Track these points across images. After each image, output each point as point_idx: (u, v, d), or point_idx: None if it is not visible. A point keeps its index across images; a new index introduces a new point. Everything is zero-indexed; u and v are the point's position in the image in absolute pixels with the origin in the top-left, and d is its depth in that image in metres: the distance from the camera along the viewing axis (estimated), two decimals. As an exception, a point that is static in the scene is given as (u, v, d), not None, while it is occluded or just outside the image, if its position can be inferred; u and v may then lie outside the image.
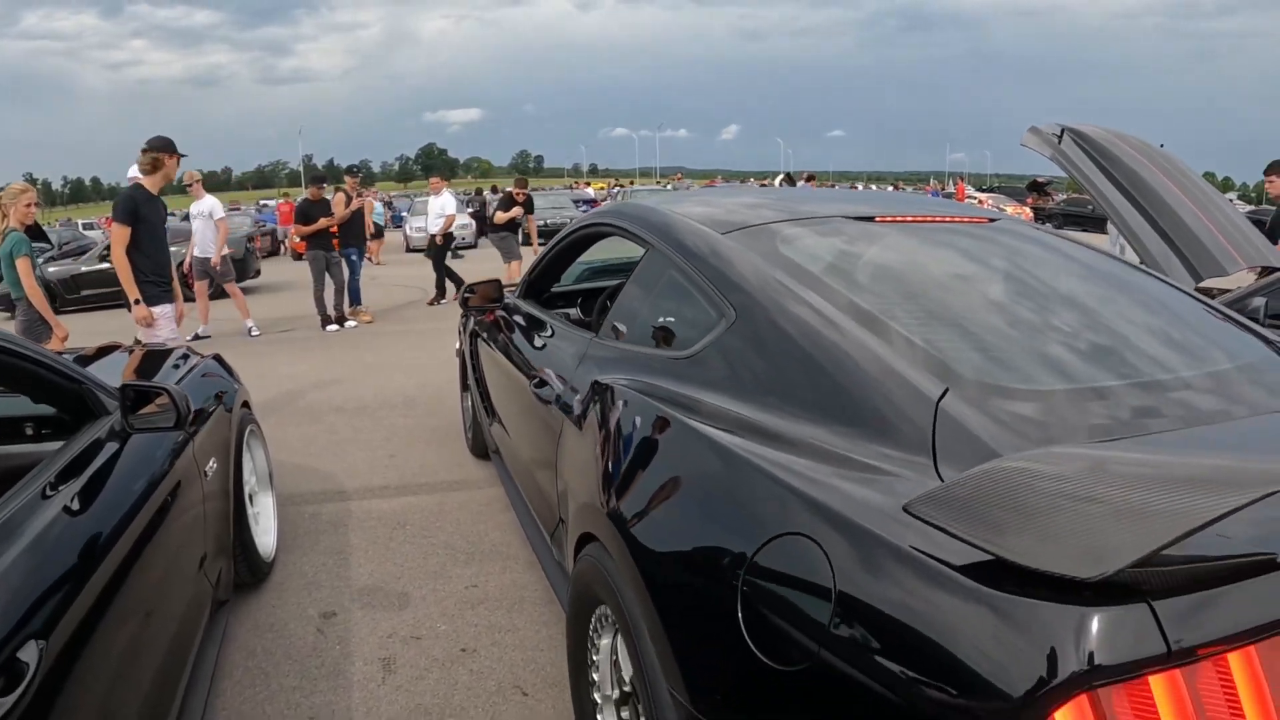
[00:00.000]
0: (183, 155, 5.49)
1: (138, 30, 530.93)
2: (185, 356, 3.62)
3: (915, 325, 1.93)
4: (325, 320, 10.60)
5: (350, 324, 10.80)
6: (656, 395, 2.08)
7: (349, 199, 11.08)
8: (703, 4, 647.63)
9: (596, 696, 2.25)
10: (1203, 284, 4.72)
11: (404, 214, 29.22)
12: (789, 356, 1.88)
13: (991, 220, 2.80)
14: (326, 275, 10.70)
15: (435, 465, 5.16)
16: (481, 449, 5.03)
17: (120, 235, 5.04)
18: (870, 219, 2.61)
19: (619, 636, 2.01)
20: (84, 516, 1.94)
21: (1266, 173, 7.29)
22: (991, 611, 1.15)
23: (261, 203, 33.44)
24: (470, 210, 25.88)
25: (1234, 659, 1.11)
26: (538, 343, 3.41)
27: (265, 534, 3.83)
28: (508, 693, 2.82)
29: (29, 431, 2.79)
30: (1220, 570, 1.15)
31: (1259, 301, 4.27)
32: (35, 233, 6.23)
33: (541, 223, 23.60)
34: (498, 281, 4.40)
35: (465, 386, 5.37)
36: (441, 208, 12.60)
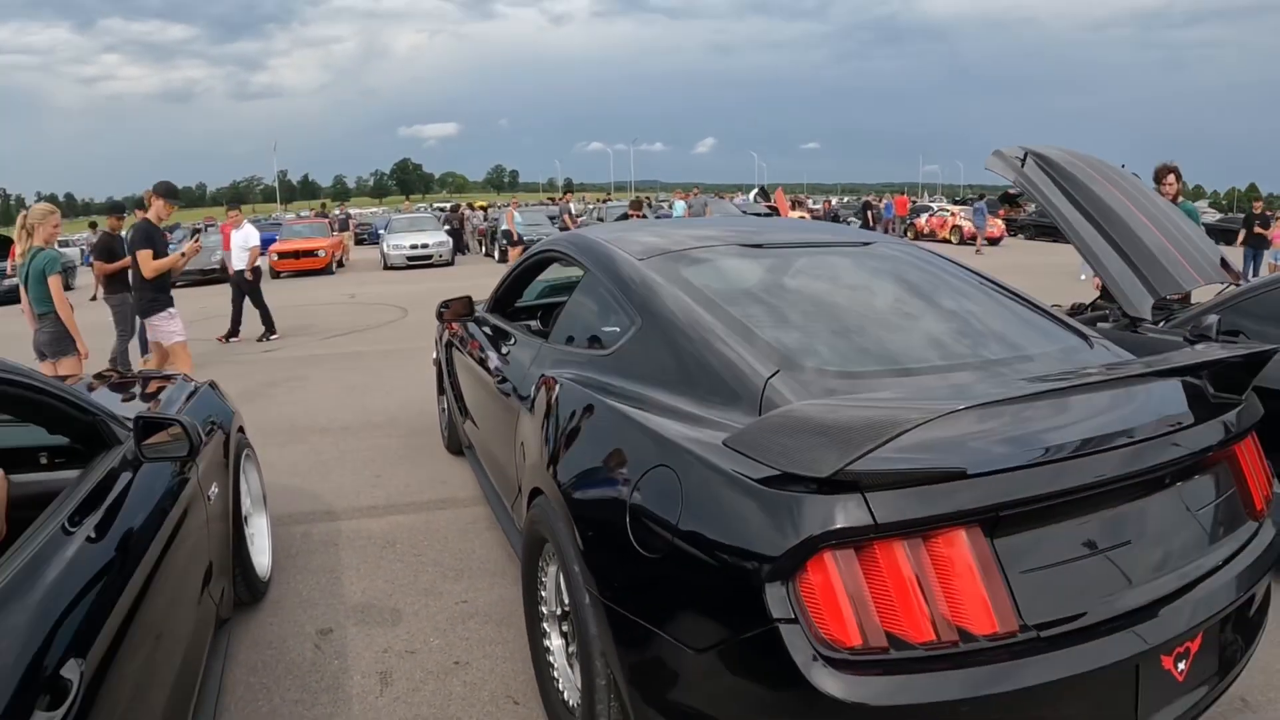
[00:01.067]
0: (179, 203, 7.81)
1: (110, 45, 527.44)
2: (184, 384, 3.74)
3: (769, 326, 2.53)
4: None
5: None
6: (584, 382, 2.72)
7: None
8: (676, 18, 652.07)
9: (544, 610, 2.88)
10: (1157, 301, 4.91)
11: (380, 230, 29.10)
12: (674, 351, 2.51)
13: (865, 244, 3.45)
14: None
15: (420, 484, 5.30)
16: (456, 445, 5.55)
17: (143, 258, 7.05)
18: (759, 245, 3.27)
19: (559, 566, 2.57)
20: (103, 544, 2.07)
21: (1156, 179, 7.27)
22: (770, 503, 1.75)
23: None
24: (447, 228, 25.82)
25: (945, 538, 1.71)
26: (503, 349, 3.99)
27: (261, 554, 3.95)
28: (500, 702, 2.96)
29: (44, 460, 2.91)
30: (920, 475, 1.73)
31: (1212, 319, 4.46)
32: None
33: (527, 236, 23.57)
34: (469, 298, 4.91)
35: (441, 390, 5.90)
36: (244, 240, 11.72)
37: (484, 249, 27.53)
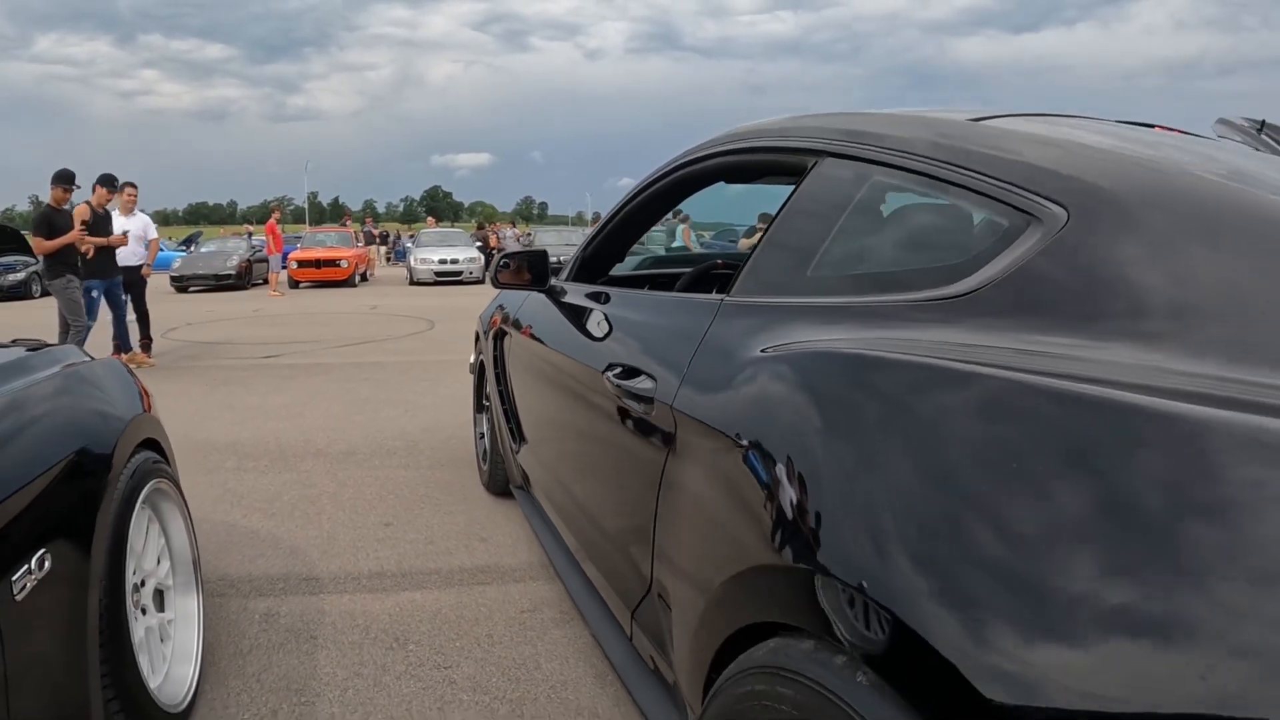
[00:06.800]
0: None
1: (150, 60, 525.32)
2: (39, 356, 2.11)
3: None
4: None
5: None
6: (934, 355, 1.09)
7: (102, 220, 8.23)
8: (709, 57, 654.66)
9: None
10: None
11: (408, 245, 28.26)
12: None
13: None
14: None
15: (449, 539, 3.62)
16: (502, 484, 3.96)
17: None
18: (1150, 126, 1.77)
19: None
20: None
21: None
22: None
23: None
24: (478, 245, 24.89)
25: None
26: (617, 325, 2.29)
27: (181, 661, 2.32)
28: None
29: None
30: None
31: None
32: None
33: (555, 259, 22.51)
34: (544, 253, 3.09)
35: (481, 406, 4.36)
36: (143, 230, 9.03)
37: (518, 270, 26.47)
